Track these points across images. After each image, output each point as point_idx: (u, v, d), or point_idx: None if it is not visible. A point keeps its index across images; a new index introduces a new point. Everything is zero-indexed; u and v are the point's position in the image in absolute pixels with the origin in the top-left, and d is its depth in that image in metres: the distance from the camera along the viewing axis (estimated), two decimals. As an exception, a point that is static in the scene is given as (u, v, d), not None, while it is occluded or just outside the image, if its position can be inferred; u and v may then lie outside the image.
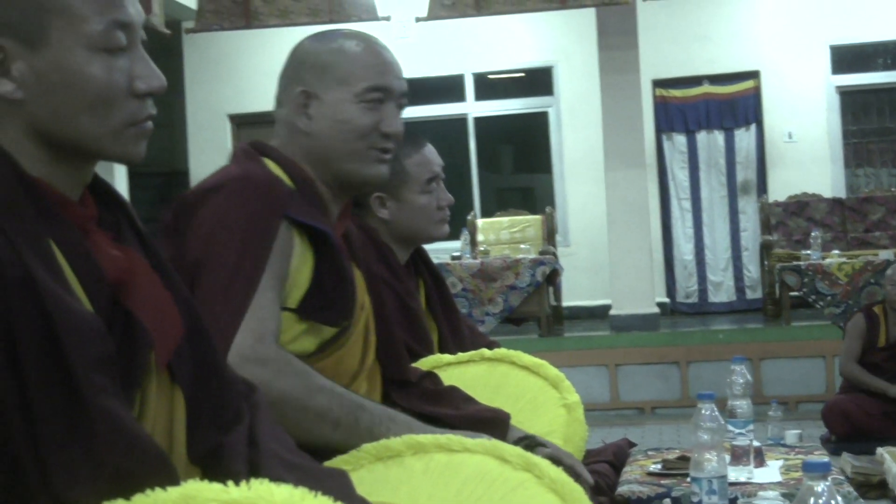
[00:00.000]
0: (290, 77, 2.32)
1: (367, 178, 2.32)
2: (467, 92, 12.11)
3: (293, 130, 2.30)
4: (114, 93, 1.48)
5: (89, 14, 1.46)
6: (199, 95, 12.22)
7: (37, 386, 1.32)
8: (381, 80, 2.29)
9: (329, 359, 2.20)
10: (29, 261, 1.36)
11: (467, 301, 8.83)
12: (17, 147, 1.47)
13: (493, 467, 1.91)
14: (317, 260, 2.19)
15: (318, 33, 2.38)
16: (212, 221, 2.12)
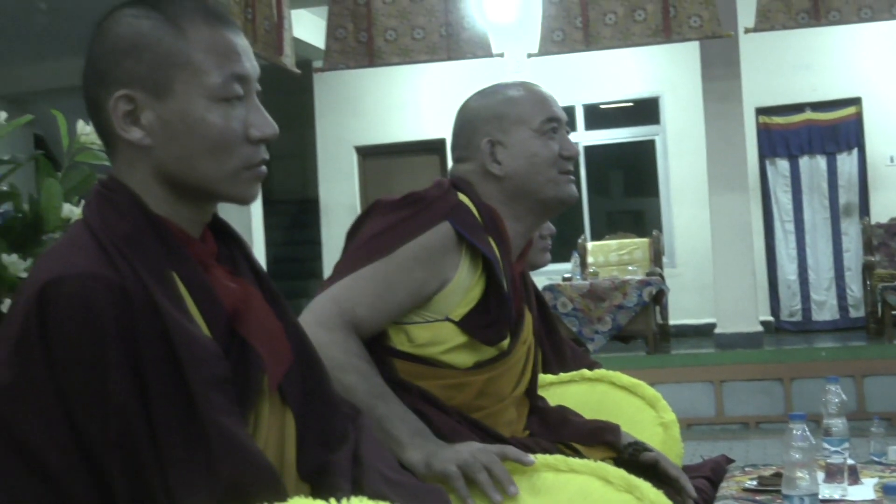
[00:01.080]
0: (470, 134, 2.41)
1: (564, 199, 2.42)
2: (578, 122, 12.07)
3: (485, 179, 2.39)
4: (231, 139, 1.53)
5: (210, 68, 1.52)
6: (328, 128, 12.38)
7: (159, 404, 1.39)
8: (550, 111, 2.41)
9: (480, 377, 2.25)
10: (154, 291, 1.43)
11: (577, 320, 8.80)
12: (145, 188, 1.54)
13: (596, 487, 1.92)
14: (487, 284, 2.26)
15: (479, 93, 2.49)
16: (381, 222, 2.25)
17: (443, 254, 2.21)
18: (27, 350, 1.38)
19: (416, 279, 2.18)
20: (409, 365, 2.19)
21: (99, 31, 1.55)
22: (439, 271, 2.21)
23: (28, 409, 1.37)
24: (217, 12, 1.58)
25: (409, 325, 2.22)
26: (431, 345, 2.21)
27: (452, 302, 2.22)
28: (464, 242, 2.24)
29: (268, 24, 8.21)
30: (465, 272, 2.24)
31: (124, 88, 1.52)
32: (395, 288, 2.17)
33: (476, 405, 2.22)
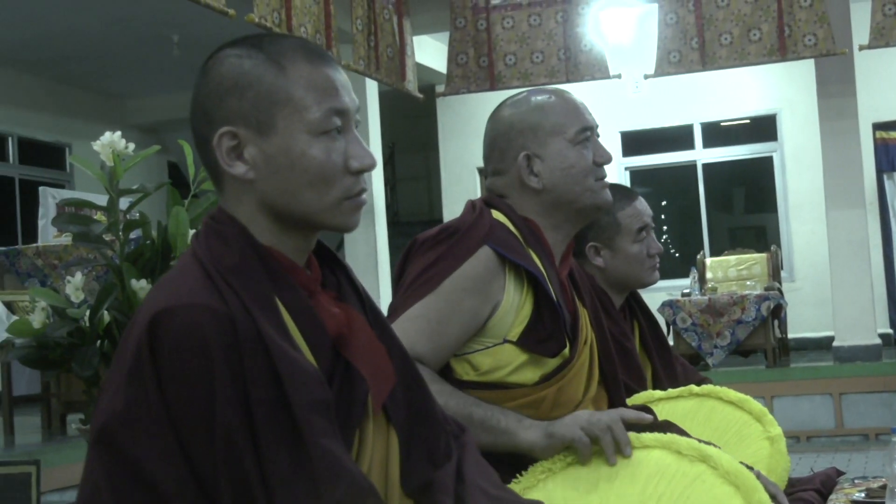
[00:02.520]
0: (504, 146, 2.35)
1: (601, 206, 2.37)
2: (696, 139, 11.93)
3: (522, 192, 2.34)
4: (331, 171, 1.55)
5: (310, 104, 1.54)
6: (451, 151, 12.44)
7: (265, 428, 1.41)
8: (584, 120, 2.34)
9: (550, 389, 2.22)
10: (259, 319, 1.45)
11: (696, 335, 8.68)
12: (251, 219, 1.56)
13: (670, 462, 1.94)
14: (535, 299, 2.22)
15: (507, 102, 2.42)
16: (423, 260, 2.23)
17: (488, 279, 2.18)
18: (139, 377, 1.41)
19: (466, 310, 2.16)
20: (480, 392, 2.16)
21: (204, 71, 1.59)
22: (488, 297, 2.18)
23: (141, 433, 1.40)
24: (316, 49, 1.60)
25: (470, 355, 2.19)
26: (496, 370, 2.19)
27: (507, 323, 2.20)
28: (506, 263, 2.21)
29: (391, 51, 8.29)
30: (513, 292, 2.21)
31: (228, 125, 1.54)
32: (448, 322, 2.14)
33: (553, 416, 2.17)
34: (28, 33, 9.69)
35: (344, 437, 1.50)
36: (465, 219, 2.27)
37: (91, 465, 1.44)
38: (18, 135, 11.27)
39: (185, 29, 9.67)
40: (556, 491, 1.95)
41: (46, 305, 3.01)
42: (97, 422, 1.44)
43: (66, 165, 11.90)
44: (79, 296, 3.01)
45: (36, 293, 3.07)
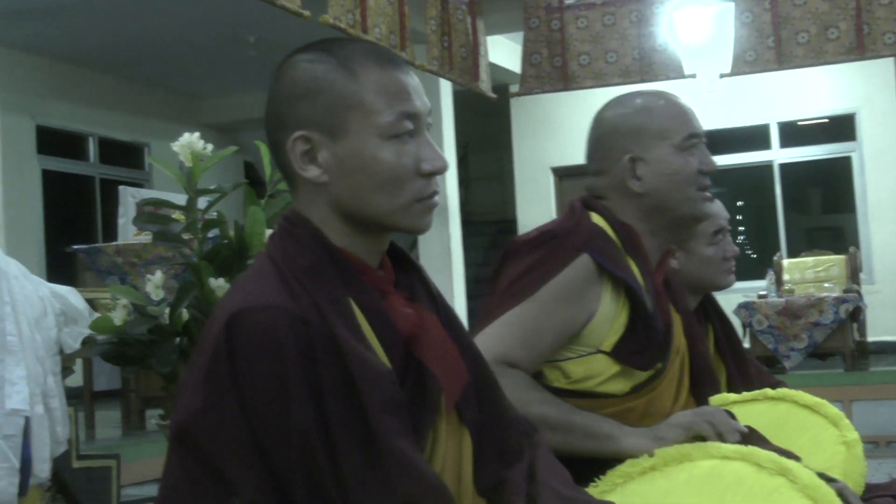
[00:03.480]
0: (608, 146, 2.31)
1: (700, 216, 2.32)
2: (773, 139, 11.79)
3: (623, 194, 2.30)
4: (403, 174, 1.56)
5: (381, 108, 1.56)
6: (524, 151, 12.43)
7: (338, 427, 1.43)
8: (691, 126, 2.30)
9: (641, 399, 2.21)
10: (332, 320, 1.47)
11: (773, 337, 8.59)
12: (324, 222, 1.59)
13: (749, 473, 1.91)
14: (632, 309, 2.20)
15: (616, 102, 2.38)
16: (520, 264, 2.21)
17: (585, 288, 2.16)
18: (216, 377, 1.44)
19: (562, 318, 2.14)
20: (569, 400, 2.15)
21: (277, 76, 1.61)
22: (584, 306, 2.16)
23: (218, 432, 1.43)
24: (387, 53, 1.61)
25: (562, 362, 2.18)
26: (587, 379, 2.17)
27: (601, 333, 2.18)
28: (605, 272, 2.18)
29: (464, 51, 8.31)
30: (609, 301, 2.19)
31: (301, 130, 1.56)
32: (543, 330, 2.13)
33: (641, 426, 2.15)
34: (108, 36, 9.86)
35: (417, 436, 1.52)
36: (565, 224, 2.25)
37: (170, 462, 1.48)
38: (99, 135, 11.47)
39: (260, 29, 9.77)
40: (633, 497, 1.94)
41: (127, 303, 3.07)
42: (176, 420, 1.47)
43: (144, 165, 12.09)
44: (158, 294, 3.07)
45: (117, 291, 3.13)
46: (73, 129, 11.17)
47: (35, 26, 9.18)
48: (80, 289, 3.59)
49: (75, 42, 10.00)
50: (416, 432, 1.53)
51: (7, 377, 2.80)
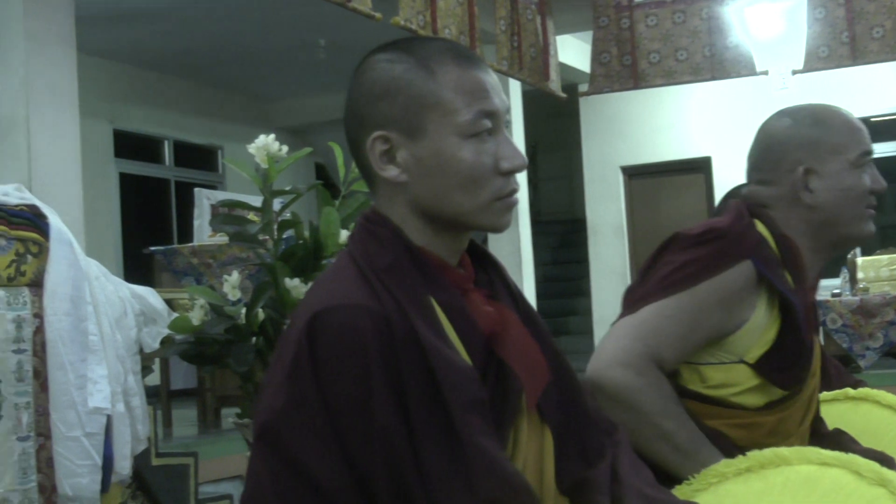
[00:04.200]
0: (779, 157, 2.28)
1: (864, 236, 2.29)
2: (846, 136, 11.62)
3: (791, 206, 2.26)
4: (482, 173, 1.56)
5: (460, 107, 1.55)
6: (593, 150, 12.36)
7: (421, 426, 1.43)
8: (866, 144, 2.27)
9: (772, 417, 2.19)
10: (414, 319, 1.48)
11: (847, 336, 8.46)
12: (404, 221, 1.59)
13: (849, 481, 1.86)
14: (783, 325, 2.17)
15: (787, 113, 2.34)
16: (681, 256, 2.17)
17: (743, 294, 2.13)
18: (299, 376, 1.45)
19: (715, 320, 2.11)
20: (700, 405, 2.13)
21: (356, 77, 1.62)
22: (738, 312, 2.13)
23: (301, 430, 1.44)
24: (465, 52, 1.61)
25: (702, 366, 2.15)
26: (724, 387, 2.14)
27: (747, 343, 2.14)
28: (763, 282, 2.14)
29: (534, 51, 8.29)
30: (762, 312, 2.15)
31: (380, 130, 1.57)
32: (696, 328, 2.10)
33: (765, 444, 2.07)
34: (182, 40, 9.98)
35: (499, 435, 1.52)
36: (734, 225, 2.20)
37: (254, 461, 1.49)
38: (174, 138, 11.62)
39: (331, 32, 9.83)
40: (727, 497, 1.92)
41: (205, 303, 3.11)
42: (259, 419, 1.48)
43: (218, 167, 12.21)
44: (235, 294, 3.10)
45: (195, 291, 3.17)
46: (149, 132, 11.32)
47: (112, 33, 9.32)
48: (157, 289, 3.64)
49: (151, 47, 10.14)
50: (498, 431, 1.52)
51: (89, 376, 2.85)
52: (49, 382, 2.82)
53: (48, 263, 2.86)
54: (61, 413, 2.81)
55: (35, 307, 2.84)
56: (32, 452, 2.81)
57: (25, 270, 2.83)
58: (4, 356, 2.75)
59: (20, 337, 2.80)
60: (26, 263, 2.83)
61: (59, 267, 2.86)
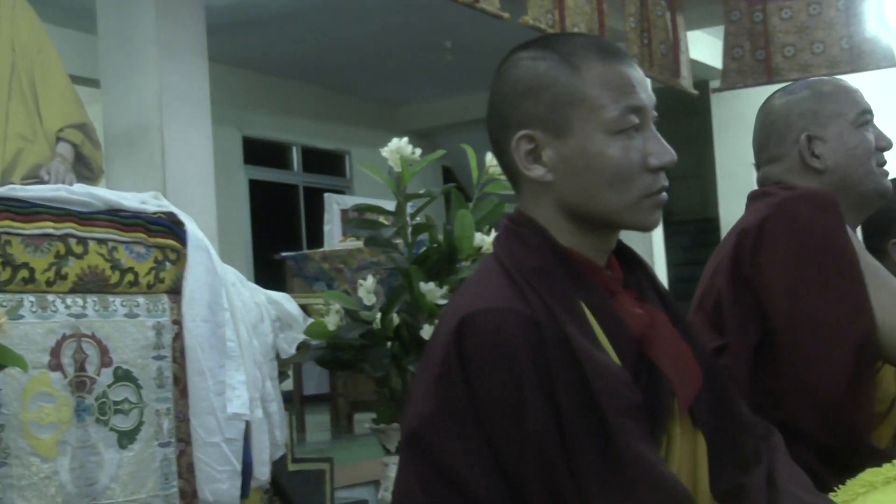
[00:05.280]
0: (782, 132, 2.31)
1: (882, 192, 2.30)
2: None
3: (803, 176, 2.29)
4: (630, 170, 1.53)
5: (606, 103, 1.53)
6: (725, 147, 12.14)
7: (574, 432, 1.41)
8: (864, 103, 2.31)
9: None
10: (564, 322, 1.45)
11: None
12: (550, 221, 1.57)
13: None
14: None
15: (782, 91, 2.39)
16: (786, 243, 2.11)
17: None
18: (448, 381, 1.44)
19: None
20: None
21: (498, 76, 1.60)
22: None
23: (450, 436, 1.43)
24: (610, 47, 1.59)
25: None
26: None
27: None
28: None
29: (664, 48, 8.18)
30: None
31: (525, 129, 1.55)
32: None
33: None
34: (308, 46, 10.10)
35: (652, 441, 1.49)
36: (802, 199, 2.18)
37: (403, 467, 1.48)
38: (301, 144, 11.78)
39: (457, 34, 9.84)
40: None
41: (340, 308, 3.12)
42: (407, 425, 1.48)
43: (346, 171, 12.34)
44: (371, 298, 3.11)
45: (330, 296, 3.19)
46: (277, 138, 11.50)
47: (239, 40, 9.48)
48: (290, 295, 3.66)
49: (278, 54, 10.29)
50: (651, 436, 1.49)
51: (228, 382, 2.87)
52: (189, 388, 2.85)
53: (186, 270, 2.89)
54: (201, 419, 2.84)
55: (174, 314, 2.88)
56: (173, 458, 2.84)
57: (164, 277, 2.87)
58: (145, 363, 2.79)
59: (160, 343, 2.84)
60: (165, 270, 2.88)
61: (197, 273, 2.90)
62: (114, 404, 2.71)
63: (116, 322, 2.75)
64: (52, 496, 2.54)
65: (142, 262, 2.82)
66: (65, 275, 2.63)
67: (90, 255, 2.70)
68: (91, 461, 2.63)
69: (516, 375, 1.41)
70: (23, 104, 4.42)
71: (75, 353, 2.63)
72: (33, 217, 2.58)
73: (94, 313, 2.70)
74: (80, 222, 2.69)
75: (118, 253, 2.77)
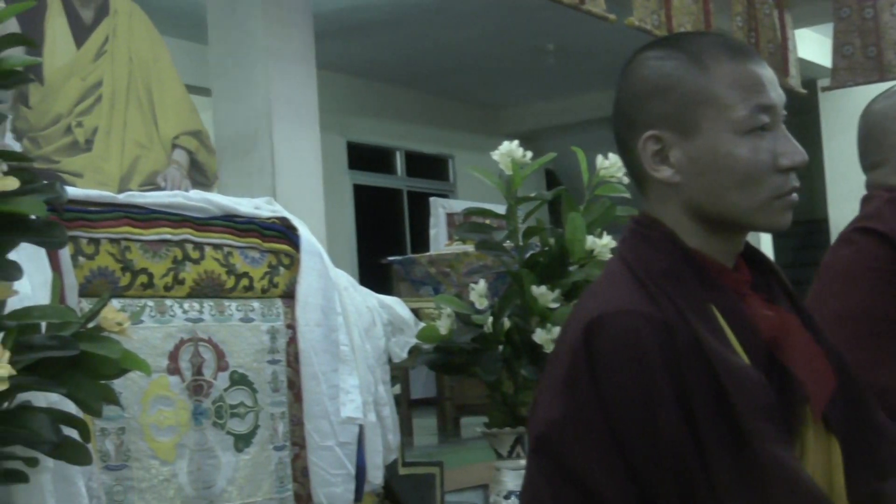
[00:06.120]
0: (879, 138, 2.32)
1: None
2: None
3: None
4: (760, 170, 1.50)
5: (735, 102, 1.50)
6: (835, 147, 11.92)
7: (709, 436, 1.38)
8: None
9: None
10: (695, 324, 1.43)
11: None
12: (677, 223, 1.55)
13: None
14: None
15: (879, 97, 2.38)
16: (836, 268, 2.16)
17: None
18: (576, 385, 1.42)
19: None
20: None
21: (624, 75, 1.58)
22: None
23: (580, 441, 1.41)
24: (739, 45, 1.56)
25: None
26: None
27: None
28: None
29: (772, 47, 8.05)
30: None
31: (652, 129, 1.53)
32: None
33: None
34: (412, 51, 10.16)
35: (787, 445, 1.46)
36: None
37: (531, 472, 1.47)
38: (405, 148, 11.84)
39: (560, 37, 9.81)
40: None
41: (451, 312, 3.11)
42: (535, 430, 1.46)
43: (449, 175, 12.37)
44: (483, 302, 3.10)
45: (441, 300, 3.18)
46: (381, 143, 11.57)
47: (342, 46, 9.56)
48: (399, 299, 3.67)
49: (380, 59, 10.36)
50: (787, 439, 1.47)
51: (342, 386, 2.89)
52: (303, 392, 2.87)
53: (299, 275, 2.91)
54: (315, 423, 2.86)
55: (288, 318, 2.90)
56: (288, 462, 2.86)
57: (278, 282, 2.89)
58: (260, 367, 2.82)
59: (274, 348, 2.86)
60: (279, 275, 2.90)
61: (310, 278, 2.91)
62: (230, 408, 2.74)
63: (232, 326, 2.77)
64: (171, 499, 2.57)
65: (256, 266, 2.85)
66: (182, 280, 2.66)
67: (206, 261, 2.73)
68: (208, 464, 2.66)
69: (648, 379, 1.39)
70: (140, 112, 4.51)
71: (193, 357, 2.66)
72: (152, 223, 2.62)
73: (211, 318, 2.73)
74: (196, 228, 2.72)
75: (233, 258, 2.79)
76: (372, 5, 8.90)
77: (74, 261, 2.42)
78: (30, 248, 2.01)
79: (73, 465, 2.10)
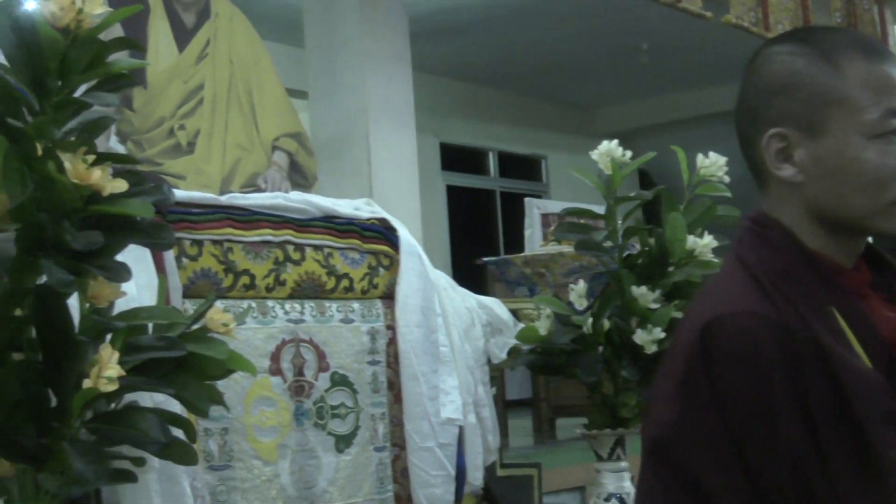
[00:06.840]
0: None
1: None
2: None
3: None
4: (887, 176, 1.45)
5: (867, 104, 1.45)
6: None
7: (830, 441, 1.34)
8: None
9: None
10: (815, 325, 1.38)
11: None
12: (795, 223, 1.50)
13: None
14: None
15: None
16: None
17: None
18: (692, 387, 1.38)
19: None
20: None
21: (750, 69, 1.54)
22: None
23: (695, 445, 1.37)
24: (874, 44, 1.50)
25: None
26: None
27: None
28: None
29: (872, 44, 7.88)
30: None
31: (777, 126, 1.48)
32: None
33: None
34: (504, 51, 10.12)
35: None
36: None
37: (645, 475, 1.44)
38: (497, 149, 11.80)
39: (654, 36, 9.69)
40: None
41: (551, 312, 3.08)
42: (649, 433, 1.43)
43: (542, 176, 12.30)
44: (582, 303, 3.06)
45: (541, 301, 3.15)
46: (473, 144, 11.55)
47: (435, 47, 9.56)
48: (496, 299, 3.64)
49: (473, 60, 10.34)
50: None
51: (441, 387, 2.87)
52: (403, 393, 2.86)
53: (399, 276, 2.90)
54: (415, 424, 2.84)
55: (388, 319, 2.89)
56: (388, 463, 2.85)
57: (378, 283, 2.89)
58: (360, 367, 2.81)
59: (374, 348, 2.86)
60: (378, 276, 2.89)
61: (410, 279, 2.90)
62: (331, 409, 2.73)
63: (333, 327, 2.77)
64: (273, 499, 2.58)
65: (356, 268, 2.84)
66: (283, 281, 2.66)
67: (307, 262, 2.73)
68: (309, 464, 2.66)
69: (767, 381, 1.34)
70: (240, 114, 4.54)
71: (294, 357, 2.66)
72: (253, 224, 2.63)
73: (312, 319, 2.73)
74: (297, 229, 2.72)
75: (334, 259, 2.79)
76: (466, 7, 8.89)
77: (178, 262, 2.44)
78: (135, 249, 2.02)
79: (178, 464, 2.11)
